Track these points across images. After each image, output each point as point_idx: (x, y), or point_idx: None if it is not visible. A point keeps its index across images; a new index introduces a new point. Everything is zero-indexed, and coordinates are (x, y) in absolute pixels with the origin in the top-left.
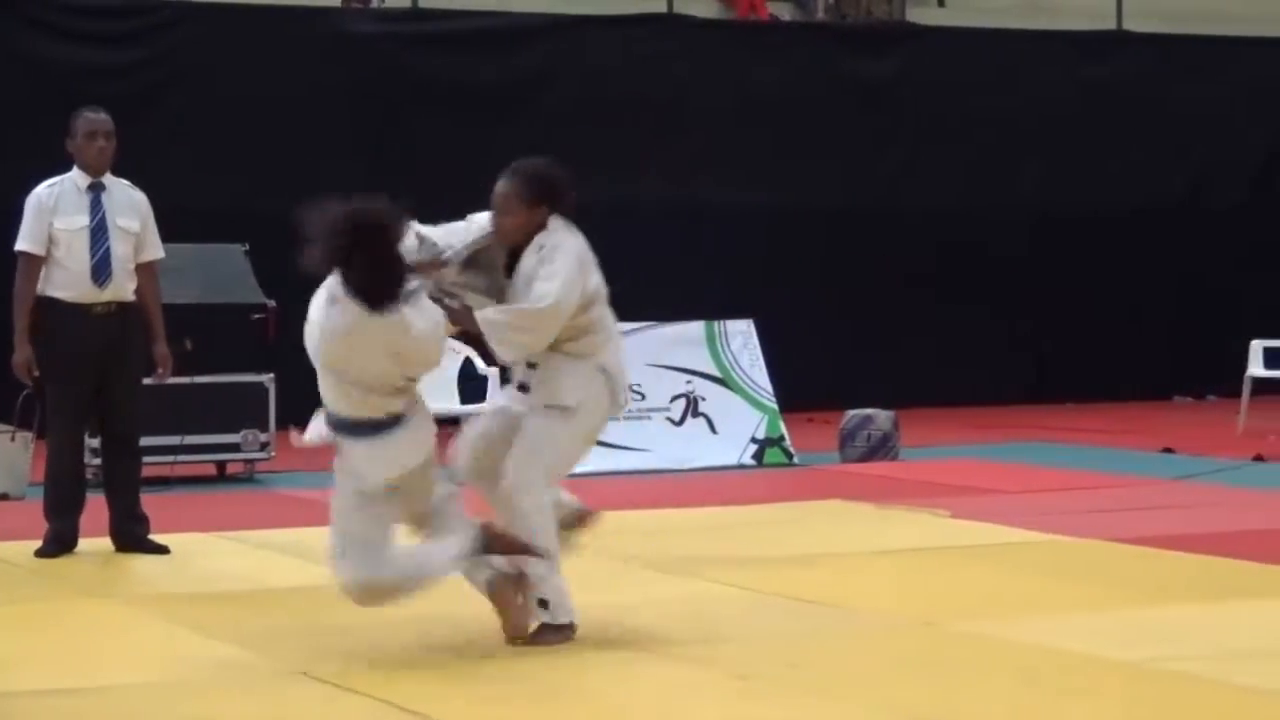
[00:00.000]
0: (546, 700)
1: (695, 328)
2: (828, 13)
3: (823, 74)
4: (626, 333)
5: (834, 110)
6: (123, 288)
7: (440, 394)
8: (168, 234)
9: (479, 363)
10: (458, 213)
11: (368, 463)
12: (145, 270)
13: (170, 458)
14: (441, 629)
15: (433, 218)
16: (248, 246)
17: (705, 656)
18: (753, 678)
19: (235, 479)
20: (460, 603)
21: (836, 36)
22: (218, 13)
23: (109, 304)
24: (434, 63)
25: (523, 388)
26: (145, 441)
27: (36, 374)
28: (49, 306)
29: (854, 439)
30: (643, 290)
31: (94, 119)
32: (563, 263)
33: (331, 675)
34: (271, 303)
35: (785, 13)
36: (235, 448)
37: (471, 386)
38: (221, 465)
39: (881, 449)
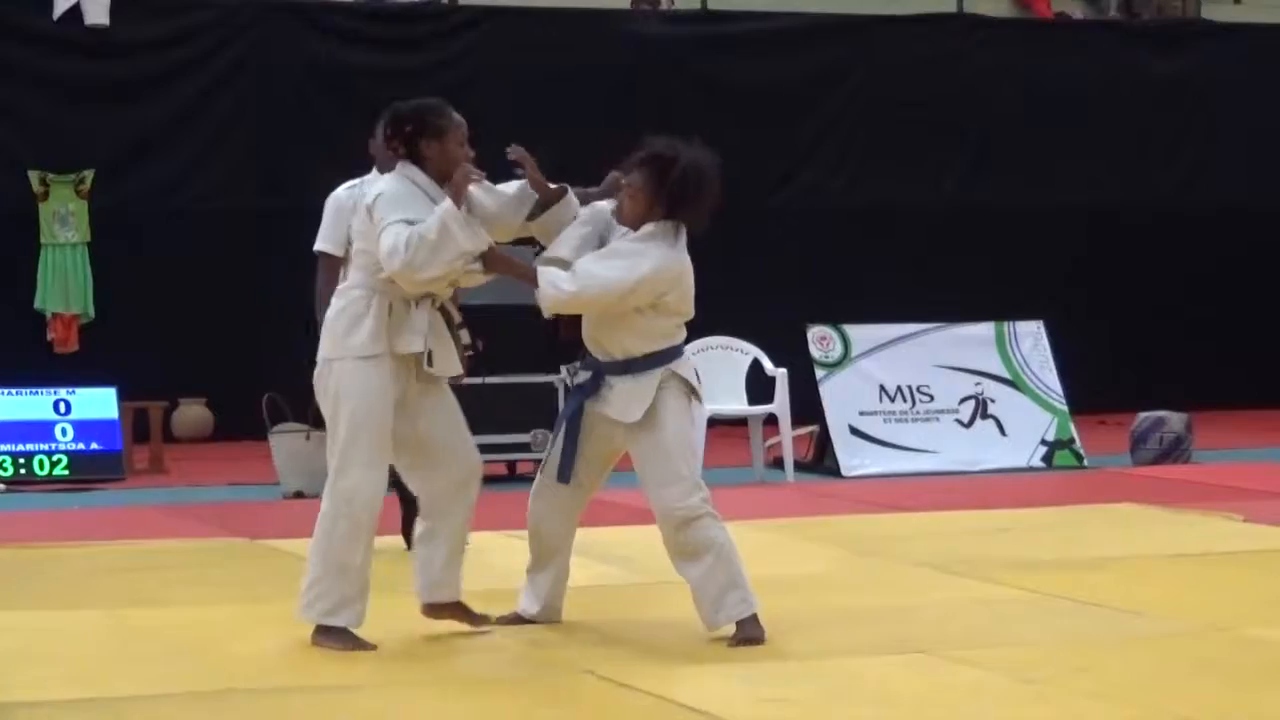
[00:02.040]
0: (830, 701)
1: (985, 329)
2: (1120, 10)
3: (1115, 72)
4: (915, 334)
5: (1126, 109)
6: None
7: (728, 395)
8: None
9: (767, 364)
10: (753, 217)
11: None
12: None
13: None
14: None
15: (724, 216)
16: (538, 248)
17: (992, 659)
18: (1039, 681)
19: (525, 478)
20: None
21: (1129, 34)
22: (510, 16)
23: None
24: (723, 64)
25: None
26: None
27: None
28: None
29: (1146, 441)
30: (932, 291)
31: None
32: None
33: (615, 673)
34: None
35: (1077, 10)
36: (525, 447)
37: (760, 386)
38: (512, 465)
39: (1174, 452)
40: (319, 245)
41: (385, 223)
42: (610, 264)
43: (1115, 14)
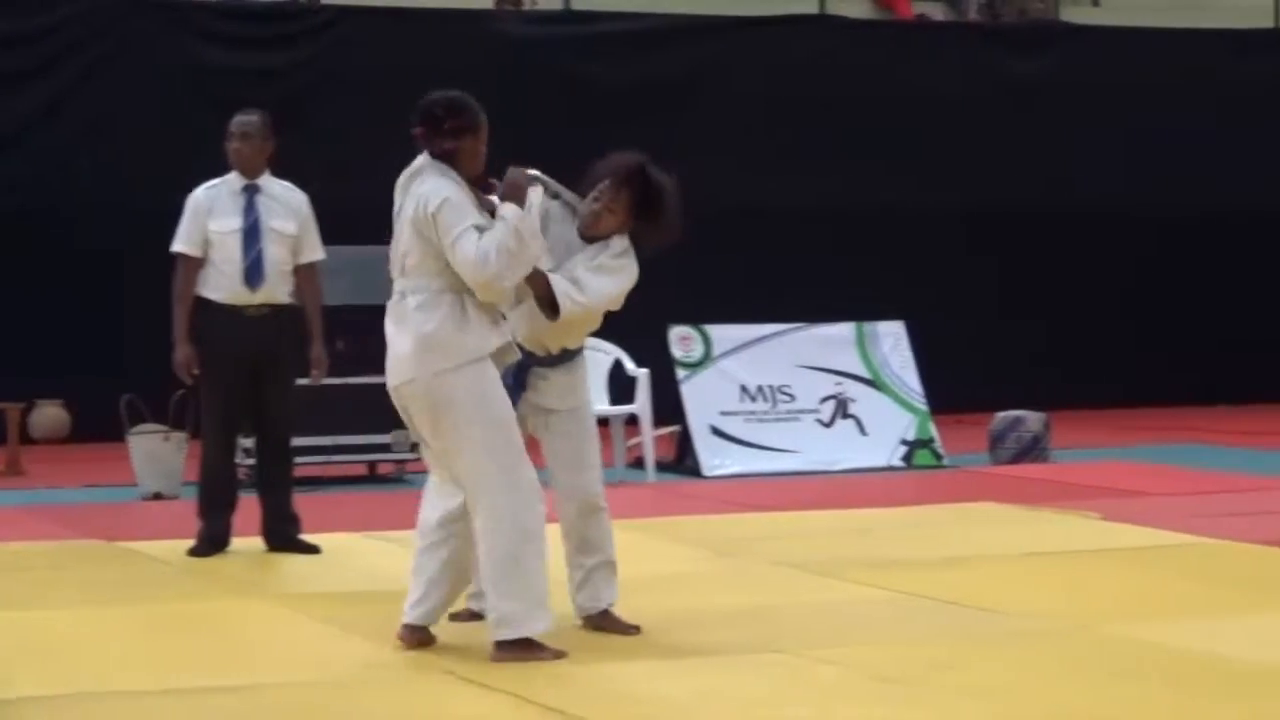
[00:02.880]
0: (691, 701)
1: (845, 329)
2: (980, 12)
3: (975, 73)
4: (777, 334)
5: (986, 110)
6: (276, 290)
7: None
8: (324, 236)
9: (629, 364)
10: None
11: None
12: (305, 272)
13: (322, 458)
14: (584, 631)
15: None
16: None
17: (853, 658)
18: (901, 680)
19: (386, 479)
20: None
21: (990, 35)
22: (371, 16)
23: (262, 306)
24: (587, 65)
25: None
26: (298, 442)
27: (197, 372)
28: (203, 307)
29: (1004, 441)
30: (792, 292)
31: (236, 120)
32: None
33: (476, 674)
34: None
35: (938, 12)
36: (386, 448)
37: (621, 387)
38: (372, 466)
39: (1032, 451)
40: (177, 246)
41: (458, 229)
42: (607, 279)
43: (975, 16)
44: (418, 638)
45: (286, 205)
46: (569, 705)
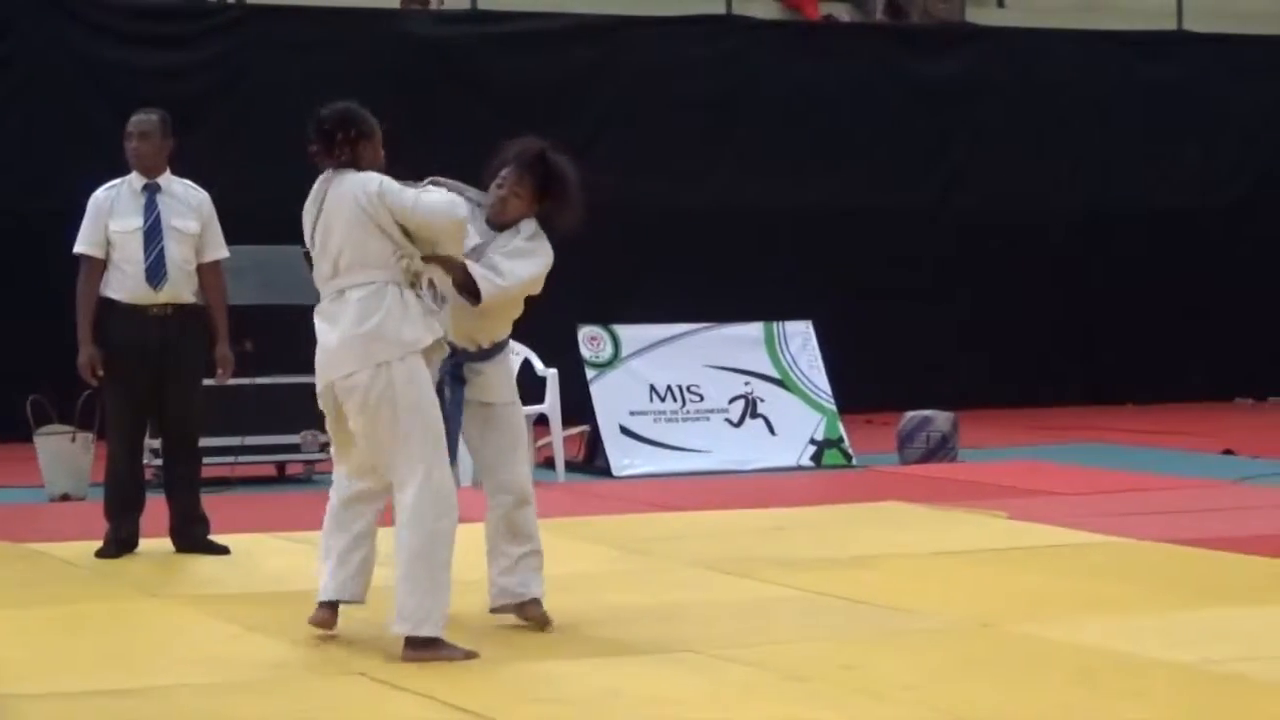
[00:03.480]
0: (601, 701)
1: (754, 329)
2: (885, 13)
3: (881, 75)
4: (686, 334)
5: (892, 111)
6: (179, 289)
7: None
8: (226, 236)
9: (538, 364)
10: None
11: None
12: (209, 270)
13: (230, 458)
14: (493, 630)
15: None
16: (307, 249)
17: (761, 658)
18: (809, 679)
19: (295, 480)
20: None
21: (895, 37)
22: (277, 15)
23: (165, 305)
24: (494, 64)
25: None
26: (206, 442)
27: (101, 374)
28: (107, 307)
29: (912, 440)
30: (700, 292)
31: (135, 120)
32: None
33: (386, 674)
34: None
35: (844, 13)
36: (295, 449)
37: (530, 387)
38: (281, 466)
39: (940, 450)
40: (79, 248)
41: (412, 191)
42: (522, 262)
43: (881, 17)
44: (325, 615)
45: (188, 204)
46: (478, 705)
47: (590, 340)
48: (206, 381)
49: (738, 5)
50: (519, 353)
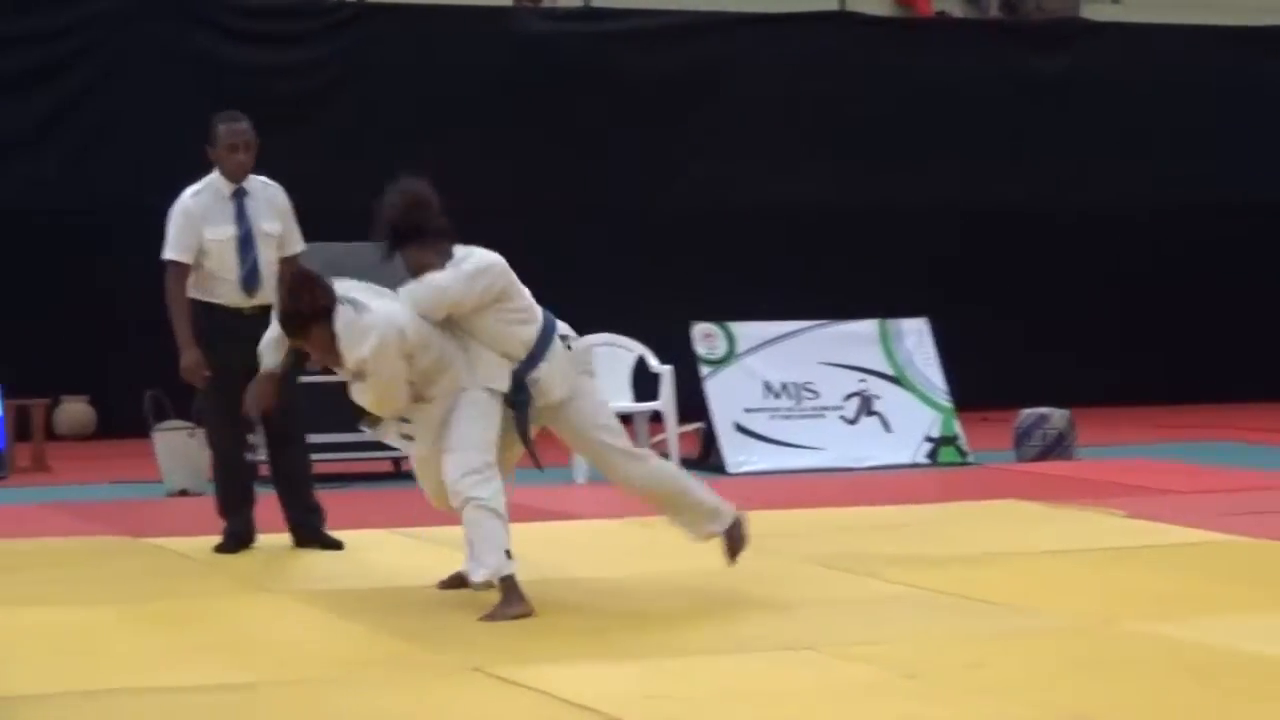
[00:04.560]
0: (718, 699)
1: (869, 326)
2: (1000, 9)
3: (994, 71)
4: (800, 331)
5: (1005, 108)
6: (269, 291)
7: (613, 392)
8: (336, 234)
9: (652, 361)
10: (629, 208)
11: None
12: (288, 265)
13: (346, 455)
14: (609, 628)
15: (605, 213)
16: None
17: (878, 656)
18: (927, 677)
19: (410, 475)
20: (635, 600)
21: (1009, 33)
22: (390, 13)
23: (257, 307)
24: (606, 62)
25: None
26: (322, 439)
27: (208, 374)
28: (205, 311)
29: (1029, 438)
30: (815, 288)
31: (234, 130)
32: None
33: (501, 670)
34: None
35: (957, 9)
36: (386, 445)
37: (644, 384)
38: (397, 461)
39: (1056, 448)
40: (169, 254)
41: None
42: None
43: (996, 13)
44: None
45: (270, 204)
46: (596, 701)
47: (705, 337)
48: (306, 379)
49: (851, 2)
50: (633, 349)
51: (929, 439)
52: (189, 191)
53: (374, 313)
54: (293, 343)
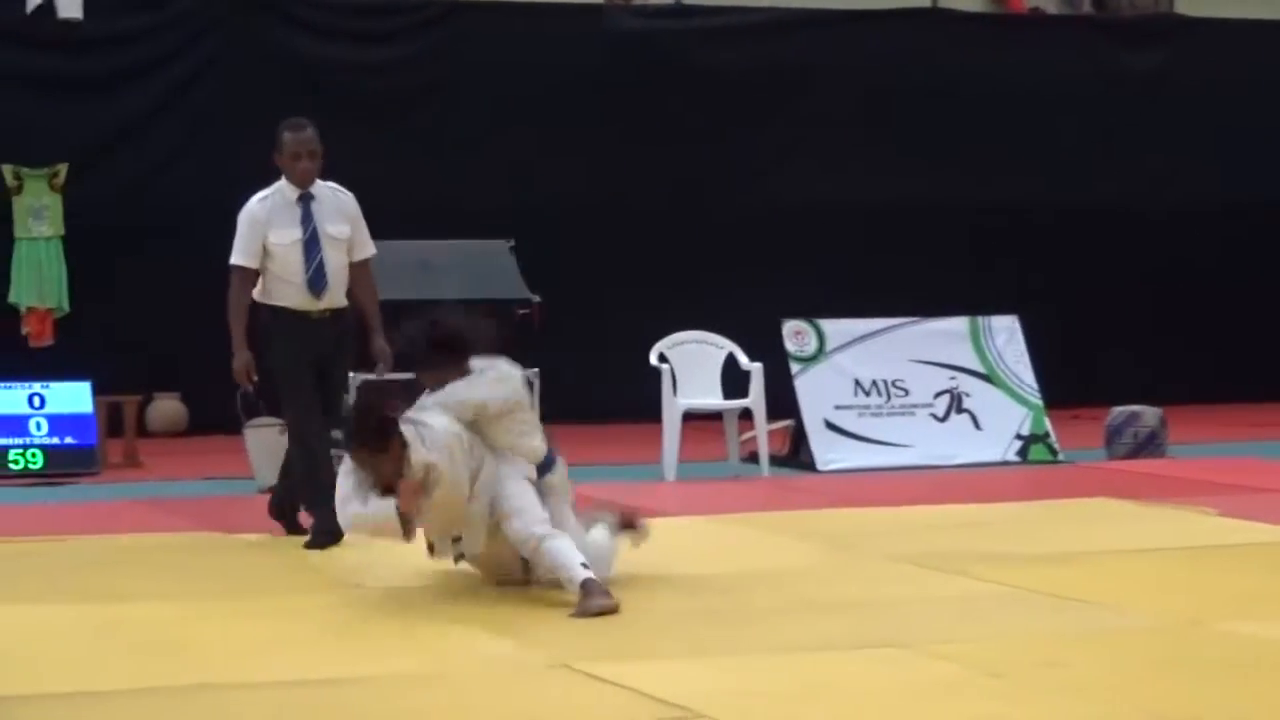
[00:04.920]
0: (803, 696)
1: (959, 323)
2: (1093, 4)
3: (1088, 67)
4: (890, 328)
5: (1098, 104)
6: (337, 294)
7: (703, 389)
8: (435, 231)
9: (743, 358)
10: (720, 205)
11: None
12: (359, 269)
13: None
14: (697, 624)
15: (696, 211)
16: (513, 242)
17: (964, 654)
18: (1012, 676)
19: None
20: (723, 597)
21: (1102, 29)
22: (481, 11)
23: (325, 310)
24: (699, 59)
25: None
26: None
27: (255, 379)
28: (274, 314)
29: (1120, 436)
30: (905, 286)
31: (299, 139)
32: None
33: (589, 667)
34: (536, 298)
35: (1051, 5)
36: None
37: (735, 381)
38: None
39: (1148, 446)
40: (235, 259)
41: None
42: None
43: (1089, 8)
44: None
45: (338, 209)
46: (683, 698)
47: (795, 334)
48: (367, 376)
49: None
50: (723, 347)
51: (1019, 437)
52: (256, 197)
53: (432, 426)
54: (368, 466)
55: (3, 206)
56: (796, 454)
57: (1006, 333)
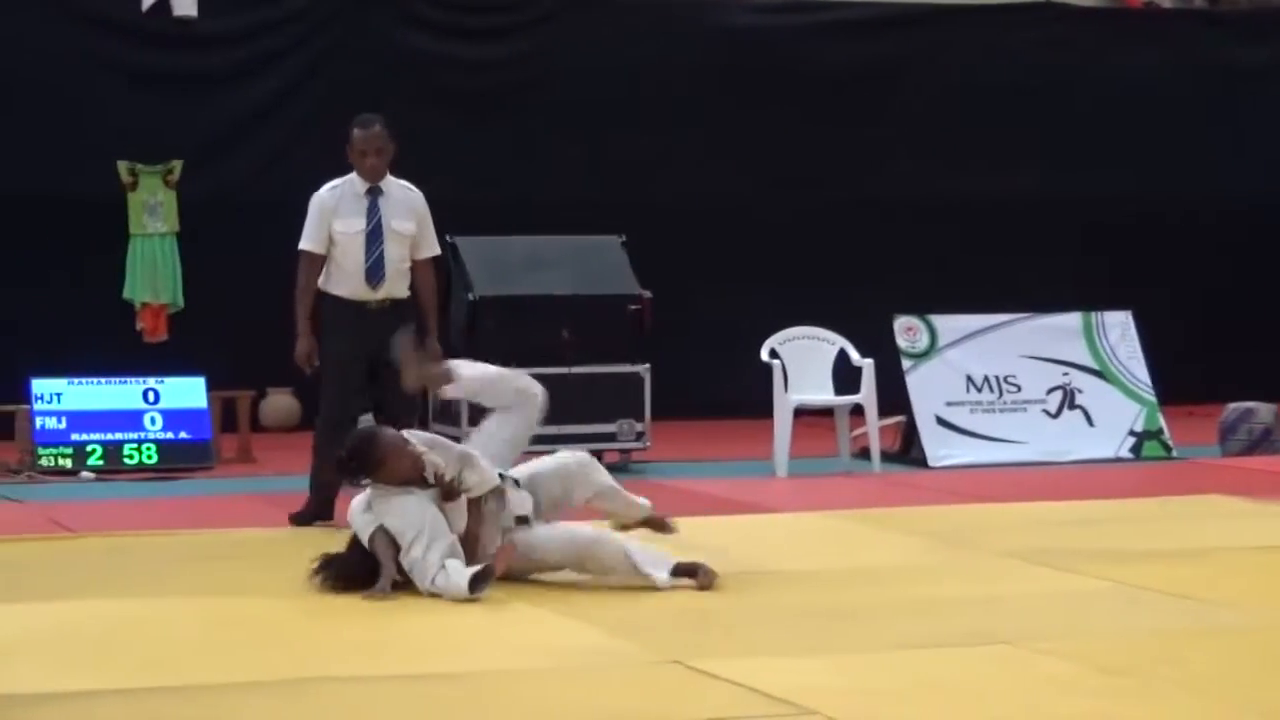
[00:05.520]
0: (915, 693)
1: (1072, 319)
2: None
3: (1203, 62)
4: (1002, 324)
5: (1212, 100)
6: (395, 287)
7: (814, 385)
8: (545, 226)
9: (854, 354)
10: (830, 201)
11: None
12: (422, 267)
13: (548, 447)
14: (805, 621)
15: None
16: (624, 238)
17: (1077, 651)
18: (1125, 673)
19: (611, 468)
20: (833, 593)
21: (1218, 23)
22: (591, 6)
23: (383, 301)
24: (809, 54)
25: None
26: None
27: (316, 364)
28: (331, 302)
29: (1235, 432)
30: (1017, 281)
31: (366, 136)
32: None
33: (700, 663)
34: (647, 293)
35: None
36: (611, 437)
37: (846, 377)
38: (598, 454)
39: (1263, 443)
40: (304, 244)
41: None
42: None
43: (1202, 3)
44: None
45: (406, 205)
46: (793, 695)
47: (906, 330)
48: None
49: None
50: (834, 342)
51: (1132, 433)
52: (327, 185)
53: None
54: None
55: (118, 203)
56: (908, 450)
57: (1120, 328)
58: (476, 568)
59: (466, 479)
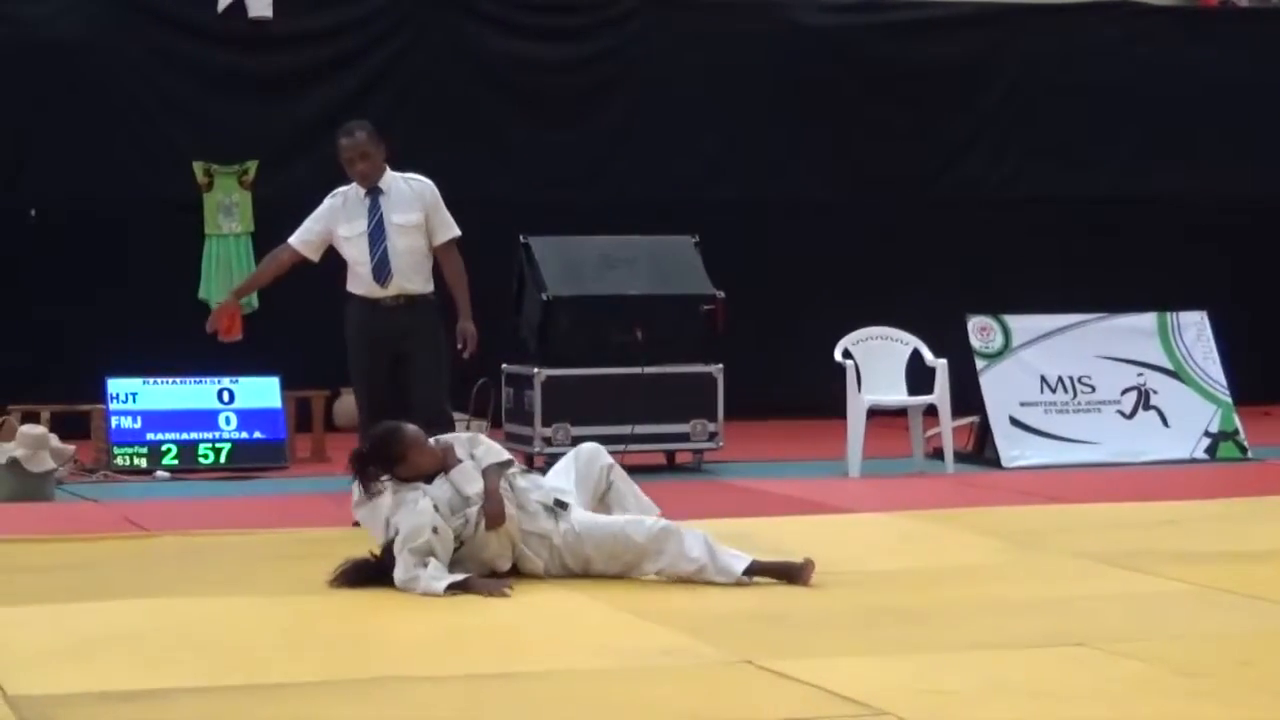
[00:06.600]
0: (988, 694)
1: (1147, 319)
2: None
3: (1274, 60)
4: (1077, 324)
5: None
6: (406, 281)
7: (888, 385)
8: (619, 226)
9: (927, 354)
10: (907, 200)
11: None
12: (443, 251)
13: (620, 447)
14: (875, 622)
15: (883, 206)
16: (698, 238)
17: (1153, 652)
18: (1202, 675)
19: (684, 468)
20: (906, 593)
21: None
22: (669, 7)
23: (396, 297)
24: (885, 53)
25: None
26: (595, 431)
27: (214, 330)
28: (351, 302)
29: None
30: (1092, 281)
31: (350, 145)
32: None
33: (772, 663)
34: (720, 294)
35: None
36: (684, 437)
37: (919, 377)
38: (671, 455)
39: None
40: (292, 237)
41: None
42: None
43: (1277, 1)
44: None
45: (408, 197)
46: (864, 695)
47: (980, 330)
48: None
49: None
50: (908, 343)
51: (1208, 434)
52: (333, 192)
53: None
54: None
55: (194, 203)
56: (981, 450)
57: (1195, 329)
58: (456, 577)
59: (479, 453)
